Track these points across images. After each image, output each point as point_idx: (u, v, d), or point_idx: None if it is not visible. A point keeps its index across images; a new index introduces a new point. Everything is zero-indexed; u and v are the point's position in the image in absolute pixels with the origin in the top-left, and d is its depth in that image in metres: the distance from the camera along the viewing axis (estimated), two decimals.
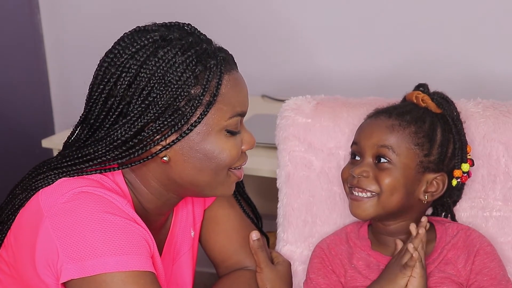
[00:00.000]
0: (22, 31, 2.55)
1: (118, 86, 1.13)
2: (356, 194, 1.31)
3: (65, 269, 1.07)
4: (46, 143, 2.03)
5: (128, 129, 1.13)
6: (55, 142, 2.01)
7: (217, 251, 1.40)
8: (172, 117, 1.13)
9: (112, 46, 1.17)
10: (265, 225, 1.51)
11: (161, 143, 1.15)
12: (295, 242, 1.48)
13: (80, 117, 1.19)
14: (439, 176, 1.31)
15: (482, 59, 2.11)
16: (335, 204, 1.47)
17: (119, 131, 1.14)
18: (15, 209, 1.19)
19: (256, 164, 1.72)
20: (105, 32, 1.50)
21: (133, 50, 1.13)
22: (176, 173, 1.18)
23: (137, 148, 1.15)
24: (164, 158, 1.16)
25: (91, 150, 1.16)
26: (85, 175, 1.16)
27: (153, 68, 1.12)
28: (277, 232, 1.51)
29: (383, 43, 2.20)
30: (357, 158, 1.33)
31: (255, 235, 1.37)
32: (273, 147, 1.56)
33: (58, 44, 2.61)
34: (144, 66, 1.12)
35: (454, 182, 1.33)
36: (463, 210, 1.42)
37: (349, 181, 1.33)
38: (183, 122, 1.13)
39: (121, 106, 1.14)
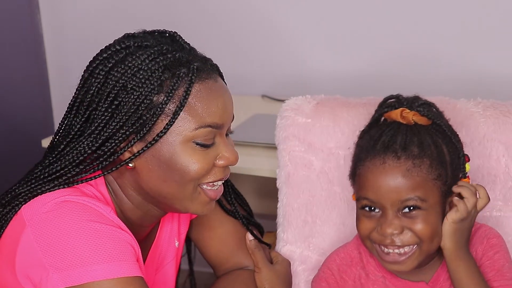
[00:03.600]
0: (22, 31, 2.55)
1: (86, 90, 1.13)
2: (391, 251, 1.18)
3: (51, 279, 1.05)
4: (46, 143, 2.02)
5: (94, 140, 1.12)
6: None
7: (213, 256, 1.39)
8: (135, 126, 1.11)
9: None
10: (265, 225, 1.50)
11: (128, 150, 1.13)
12: (295, 242, 1.48)
13: (59, 125, 1.18)
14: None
15: (482, 59, 2.11)
16: (335, 204, 1.47)
17: (85, 143, 1.12)
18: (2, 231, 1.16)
19: (256, 164, 1.72)
20: (105, 33, 1.50)
21: (105, 55, 1.13)
22: (144, 182, 1.15)
23: (104, 157, 1.13)
24: (130, 165, 1.13)
25: (58, 168, 1.14)
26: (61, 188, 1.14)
27: (118, 74, 1.11)
28: (277, 232, 1.50)
29: (382, 43, 2.20)
30: (376, 210, 1.20)
31: (251, 235, 1.36)
32: (273, 147, 1.56)
33: (58, 44, 2.60)
34: (111, 72, 1.11)
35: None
36: None
37: (377, 240, 1.19)
38: (145, 130, 1.10)
39: (87, 112, 1.13)
